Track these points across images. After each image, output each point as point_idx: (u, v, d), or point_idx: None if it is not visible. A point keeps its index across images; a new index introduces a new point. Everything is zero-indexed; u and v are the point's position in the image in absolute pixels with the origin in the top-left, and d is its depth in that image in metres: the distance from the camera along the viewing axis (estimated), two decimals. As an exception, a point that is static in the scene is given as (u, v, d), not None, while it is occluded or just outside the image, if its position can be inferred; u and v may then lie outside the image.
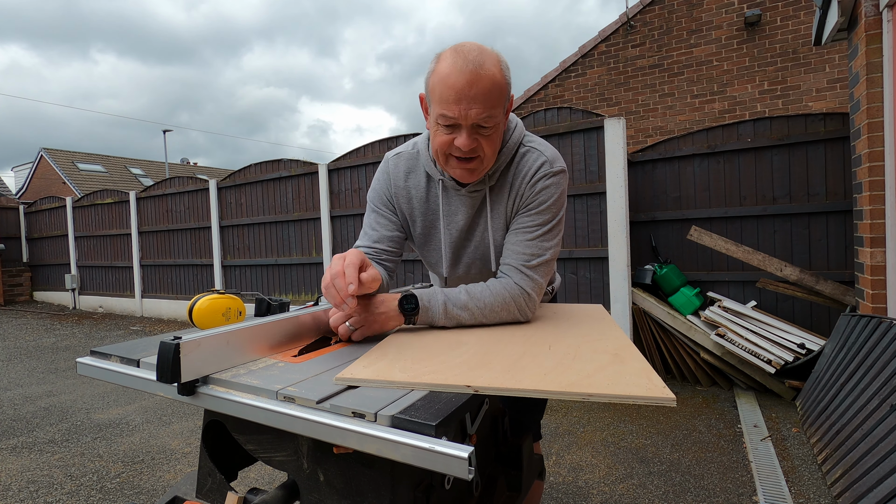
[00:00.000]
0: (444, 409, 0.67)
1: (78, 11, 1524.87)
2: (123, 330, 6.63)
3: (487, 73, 0.96)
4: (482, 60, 0.96)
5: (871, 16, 2.72)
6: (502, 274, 1.11)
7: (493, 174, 1.14)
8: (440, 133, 1.04)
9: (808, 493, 2.11)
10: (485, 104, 0.97)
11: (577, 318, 1.15)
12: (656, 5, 6.56)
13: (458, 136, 1.01)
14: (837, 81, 5.72)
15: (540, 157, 1.13)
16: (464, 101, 0.96)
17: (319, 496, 0.82)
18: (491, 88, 0.97)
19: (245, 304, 1.26)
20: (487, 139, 1.03)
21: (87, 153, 22.09)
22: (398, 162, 1.22)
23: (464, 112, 0.97)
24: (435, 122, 1.03)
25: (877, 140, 2.76)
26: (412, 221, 1.24)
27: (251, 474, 2.37)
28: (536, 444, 1.54)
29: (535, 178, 1.12)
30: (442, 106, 0.99)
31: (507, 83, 1.02)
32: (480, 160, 1.06)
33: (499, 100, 0.99)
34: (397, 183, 1.22)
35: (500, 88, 0.99)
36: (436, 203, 1.20)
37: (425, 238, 1.25)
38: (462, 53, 0.97)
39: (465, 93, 0.96)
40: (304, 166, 5.84)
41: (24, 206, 9.87)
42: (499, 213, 1.16)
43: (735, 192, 3.76)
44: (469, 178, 1.10)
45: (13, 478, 2.47)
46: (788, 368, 3.24)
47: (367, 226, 1.24)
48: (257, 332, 0.93)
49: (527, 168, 1.13)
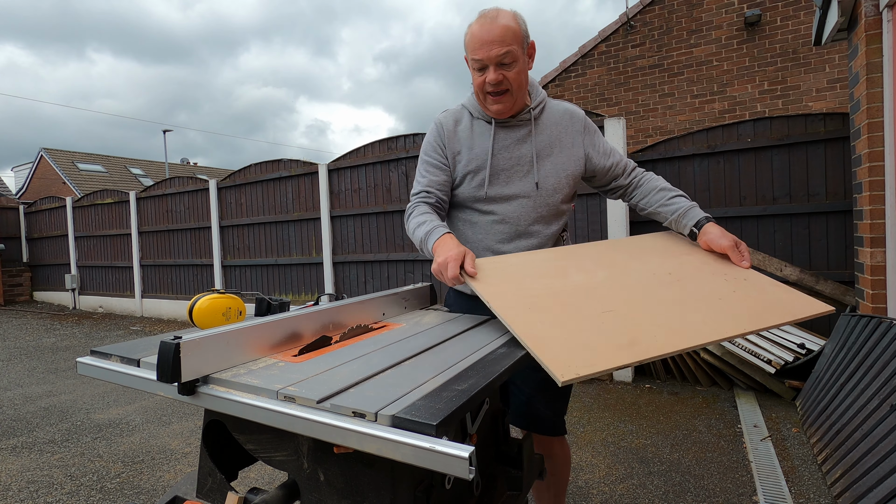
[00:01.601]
0: (445, 409, 0.67)
1: (73, 10, 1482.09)
2: (123, 330, 6.63)
3: (501, 22, 1.26)
4: (496, 14, 1.28)
5: (871, 16, 2.72)
6: (639, 175, 1.50)
7: (535, 108, 1.40)
8: (476, 76, 1.33)
9: (808, 493, 2.11)
10: (501, 44, 1.26)
11: (676, 248, 1.36)
12: (656, 5, 6.55)
13: (488, 74, 1.29)
14: (837, 81, 5.72)
15: (570, 104, 1.48)
16: (485, 46, 1.27)
17: (320, 496, 0.82)
18: (505, 33, 1.26)
19: (245, 304, 1.26)
20: (512, 72, 1.29)
21: (87, 153, 22.07)
22: (447, 116, 1.48)
23: (486, 53, 1.27)
24: (472, 69, 1.34)
25: (877, 140, 2.76)
26: (459, 158, 1.44)
27: (251, 474, 2.37)
28: (562, 440, 1.54)
29: (581, 119, 1.46)
30: (472, 53, 1.30)
31: (521, 29, 1.29)
32: (510, 94, 1.32)
33: (514, 40, 1.27)
34: (448, 129, 1.45)
35: (513, 32, 1.27)
36: (481, 136, 1.42)
37: (471, 166, 1.42)
38: (483, 14, 1.30)
39: (485, 39, 1.27)
40: (304, 166, 5.84)
41: (24, 206, 9.87)
42: (554, 147, 1.41)
43: (735, 192, 3.76)
44: (503, 111, 1.36)
45: (13, 478, 2.47)
46: (788, 368, 3.24)
47: (419, 175, 1.47)
48: (257, 331, 0.93)
49: (571, 113, 1.45)
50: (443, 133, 1.45)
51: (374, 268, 5.37)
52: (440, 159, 1.44)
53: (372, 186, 5.33)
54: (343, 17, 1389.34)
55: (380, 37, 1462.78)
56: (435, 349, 0.99)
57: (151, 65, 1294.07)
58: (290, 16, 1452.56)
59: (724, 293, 1.09)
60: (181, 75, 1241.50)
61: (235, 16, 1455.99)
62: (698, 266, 1.24)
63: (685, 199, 1.40)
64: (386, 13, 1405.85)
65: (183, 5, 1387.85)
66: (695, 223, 1.34)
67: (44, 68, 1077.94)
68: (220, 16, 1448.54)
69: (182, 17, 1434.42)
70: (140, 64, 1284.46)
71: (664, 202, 1.42)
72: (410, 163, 5.05)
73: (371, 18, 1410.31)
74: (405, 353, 0.96)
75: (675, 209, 1.39)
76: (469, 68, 1.37)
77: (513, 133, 1.40)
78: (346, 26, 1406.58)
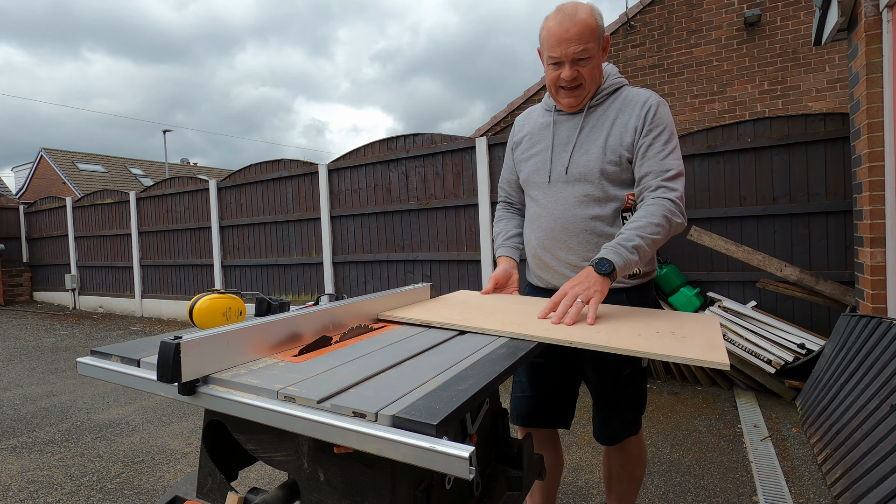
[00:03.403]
0: (445, 409, 0.67)
1: (68, 9, 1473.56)
2: (123, 330, 6.63)
3: (580, 19, 1.26)
4: (575, 10, 1.27)
5: (871, 16, 2.72)
6: (648, 194, 1.32)
7: (596, 96, 1.39)
8: (550, 71, 1.34)
9: (808, 493, 2.11)
10: (579, 42, 1.26)
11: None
12: (656, 5, 6.55)
13: (563, 70, 1.31)
14: (837, 81, 5.72)
15: (645, 90, 1.39)
16: (563, 44, 1.27)
17: (320, 496, 0.82)
18: (583, 30, 1.26)
19: (245, 304, 1.26)
20: (586, 69, 1.31)
21: (87, 153, 22.06)
22: (524, 114, 1.59)
23: (564, 51, 1.28)
24: (547, 64, 1.35)
25: (877, 140, 2.76)
26: (521, 148, 1.53)
27: (251, 474, 2.37)
28: (640, 436, 1.54)
29: (649, 105, 1.35)
30: (549, 50, 1.31)
31: (598, 25, 1.29)
32: (583, 87, 1.34)
33: (591, 37, 1.27)
34: (520, 126, 1.56)
35: (591, 29, 1.27)
36: (545, 129, 1.47)
37: (529, 155, 1.50)
38: (560, 9, 1.29)
39: (563, 37, 1.27)
40: (304, 166, 5.84)
41: (24, 206, 9.87)
42: (597, 133, 1.38)
43: (735, 192, 3.76)
44: (573, 105, 1.38)
45: (13, 478, 2.47)
46: (788, 368, 3.24)
47: (502, 171, 1.66)
48: (257, 331, 0.93)
49: (638, 97, 1.37)
50: (514, 133, 1.59)
51: (374, 268, 5.37)
52: (510, 160, 1.61)
53: (372, 186, 5.33)
54: (340, 16, 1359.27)
55: (377, 36, 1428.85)
56: (435, 349, 0.99)
57: (147, 64, 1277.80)
58: (286, 15, 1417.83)
59: (644, 330, 1.07)
60: (178, 75, 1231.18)
61: (231, 15, 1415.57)
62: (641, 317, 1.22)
63: (625, 236, 1.25)
64: (383, 13, 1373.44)
65: (178, 5, 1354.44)
66: (598, 260, 1.21)
67: (40, 68, 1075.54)
68: (216, 15, 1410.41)
69: (177, 17, 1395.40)
70: (136, 63, 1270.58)
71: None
72: (410, 163, 5.05)
73: (368, 18, 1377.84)
74: (405, 353, 0.96)
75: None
76: (542, 61, 1.39)
77: (570, 121, 1.43)
78: (343, 26, 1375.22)
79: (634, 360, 1.39)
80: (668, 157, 1.32)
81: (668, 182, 1.30)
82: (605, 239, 1.37)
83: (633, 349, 0.94)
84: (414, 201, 5.05)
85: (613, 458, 1.56)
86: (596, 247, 1.37)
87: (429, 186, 4.97)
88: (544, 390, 1.51)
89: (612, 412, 1.44)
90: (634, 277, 1.44)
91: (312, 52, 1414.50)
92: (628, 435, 1.48)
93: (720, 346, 0.96)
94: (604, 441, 1.49)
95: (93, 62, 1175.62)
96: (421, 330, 1.16)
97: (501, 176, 1.66)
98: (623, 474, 1.56)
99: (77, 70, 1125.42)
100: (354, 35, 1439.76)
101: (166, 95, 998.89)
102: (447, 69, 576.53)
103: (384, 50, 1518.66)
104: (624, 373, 1.39)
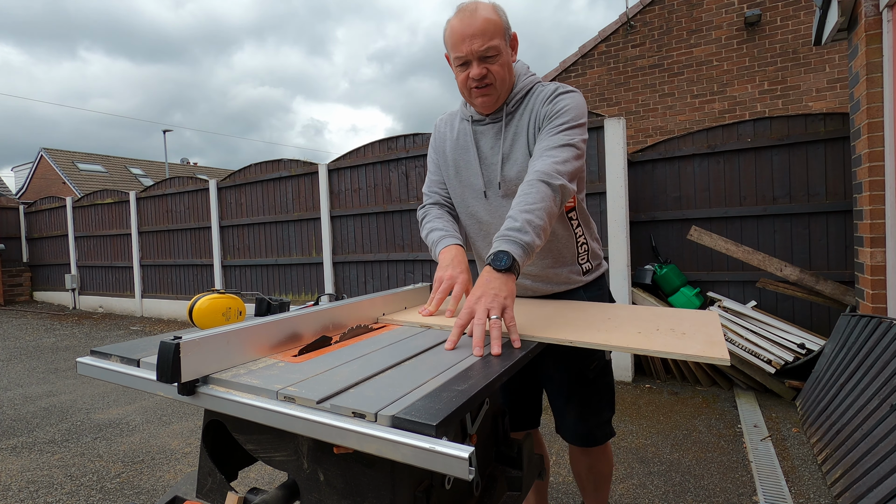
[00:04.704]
0: (445, 410, 0.67)
1: (64, 8, 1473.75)
2: (123, 330, 6.63)
3: (481, 15, 1.21)
4: (475, 7, 1.23)
5: (871, 16, 2.72)
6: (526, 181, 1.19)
7: (510, 102, 1.32)
8: (459, 73, 1.28)
9: (808, 493, 2.11)
10: (483, 37, 1.21)
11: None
12: (656, 5, 6.55)
13: (471, 69, 1.24)
14: (837, 81, 5.72)
15: (554, 83, 1.32)
16: (467, 40, 1.21)
17: (319, 496, 0.82)
18: (486, 25, 1.21)
19: (245, 304, 1.26)
20: (495, 65, 1.24)
21: (87, 153, 22.06)
22: (443, 119, 1.50)
23: (469, 48, 1.22)
24: (454, 67, 1.29)
25: (877, 140, 2.76)
26: (445, 161, 1.46)
27: (251, 474, 2.37)
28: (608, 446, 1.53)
29: (552, 96, 1.28)
30: (454, 50, 1.25)
31: (501, 20, 1.24)
32: (494, 87, 1.27)
33: (495, 33, 1.22)
34: (442, 133, 1.48)
35: (494, 24, 1.22)
36: (464, 139, 1.40)
37: (456, 169, 1.43)
38: (461, 9, 1.24)
39: (466, 33, 1.21)
40: (304, 166, 5.84)
41: (24, 206, 9.87)
42: (519, 142, 1.32)
43: (735, 192, 3.76)
44: (488, 105, 1.31)
45: (13, 478, 2.47)
46: (788, 368, 3.24)
47: (428, 174, 1.54)
48: (257, 331, 0.93)
49: (544, 93, 1.30)
50: (437, 138, 1.50)
51: (374, 268, 5.37)
52: (435, 164, 1.51)
53: (372, 186, 5.33)
54: (337, 16, 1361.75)
55: (375, 36, 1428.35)
56: (435, 349, 0.99)
57: (144, 64, 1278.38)
58: (283, 15, 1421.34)
59: (644, 328, 1.07)
60: (176, 75, 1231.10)
61: (228, 14, 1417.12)
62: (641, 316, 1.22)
63: (510, 221, 1.12)
64: (381, 13, 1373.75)
65: (174, 4, 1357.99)
66: (492, 255, 1.07)
67: (37, 67, 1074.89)
68: (213, 15, 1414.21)
69: (174, 16, 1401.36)
70: (133, 63, 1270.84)
71: None
72: (410, 163, 5.05)
73: (365, 18, 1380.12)
74: (405, 353, 0.96)
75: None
76: (451, 66, 1.32)
77: (490, 128, 1.36)
78: (341, 26, 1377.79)
79: (598, 352, 1.37)
80: (558, 134, 1.23)
81: (549, 151, 1.21)
82: (554, 241, 1.37)
83: (634, 347, 0.94)
84: (414, 201, 5.04)
85: (581, 459, 1.52)
86: (547, 251, 1.37)
87: (429, 186, 4.97)
88: (513, 396, 1.52)
89: (586, 410, 1.42)
90: (588, 273, 1.44)
91: (310, 52, 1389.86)
92: (608, 437, 1.46)
93: (720, 342, 0.96)
94: (583, 442, 1.45)
95: (90, 62, 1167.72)
96: (421, 330, 1.16)
97: (429, 178, 1.51)
98: (591, 475, 1.53)
99: (75, 69, 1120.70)
100: (352, 35, 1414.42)
101: (164, 95, 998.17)
102: (446, 69, 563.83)
103: (382, 50, 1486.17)
104: (591, 366, 1.37)
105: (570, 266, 1.41)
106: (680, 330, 1.05)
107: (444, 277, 1.23)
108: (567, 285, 1.43)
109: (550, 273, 1.40)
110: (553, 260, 1.39)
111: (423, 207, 1.50)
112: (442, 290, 1.21)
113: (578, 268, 1.43)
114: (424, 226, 1.44)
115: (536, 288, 1.43)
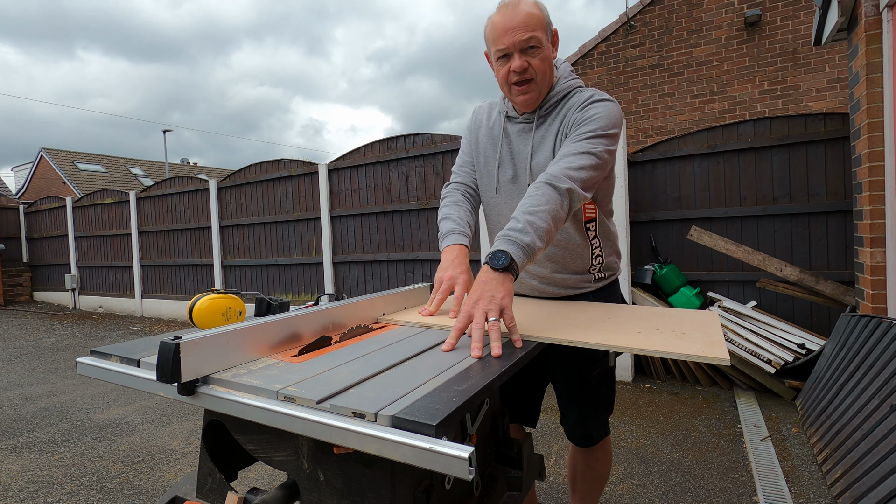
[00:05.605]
0: (444, 410, 0.67)
1: (60, 8, 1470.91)
2: (123, 330, 6.63)
3: (523, 9, 1.21)
4: (517, 2, 1.22)
5: (871, 16, 2.72)
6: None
7: (545, 104, 1.31)
8: (500, 67, 1.26)
9: (808, 493, 2.11)
10: (525, 29, 1.20)
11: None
12: (656, 5, 6.55)
13: (512, 62, 1.23)
14: (837, 81, 5.72)
15: (592, 90, 1.30)
16: (509, 32, 1.21)
17: (319, 496, 0.82)
18: (528, 18, 1.21)
19: (245, 304, 1.26)
20: (536, 59, 1.23)
21: (87, 153, 22.06)
22: (483, 106, 1.50)
23: (510, 40, 1.21)
24: (495, 61, 1.27)
25: (877, 140, 2.76)
26: (477, 147, 1.46)
27: (251, 474, 2.37)
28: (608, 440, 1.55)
29: (585, 103, 1.26)
30: (494, 43, 1.24)
31: (543, 14, 1.24)
32: (535, 83, 1.25)
33: (537, 25, 1.21)
34: (479, 119, 1.47)
35: (536, 17, 1.22)
36: (497, 131, 1.41)
37: (485, 158, 1.44)
38: (503, 3, 1.24)
39: (508, 26, 1.21)
40: (304, 166, 5.84)
41: (24, 206, 9.87)
42: (546, 140, 1.31)
43: (735, 192, 3.76)
44: (529, 103, 1.30)
45: (13, 478, 2.47)
46: (788, 368, 3.24)
47: (460, 152, 1.53)
48: (257, 332, 0.93)
49: (579, 99, 1.28)
50: (473, 123, 1.50)
51: (374, 268, 5.37)
52: (466, 150, 1.51)
53: (372, 186, 5.33)
54: (336, 16, 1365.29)
55: (374, 36, 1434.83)
56: (435, 349, 0.99)
57: (143, 63, 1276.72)
58: (282, 15, 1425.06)
59: (644, 328, 1.07)
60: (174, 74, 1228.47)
61: (226, 14, 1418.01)
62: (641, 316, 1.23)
63: (513, 222, 1.11)
64: (379, 13, 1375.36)
65: (171, 4, 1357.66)
66: (491, 254, 1.07)
67: (35, 67, 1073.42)
68: (210, 14, 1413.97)
69: (172, 16, 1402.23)
70: (131, 63, 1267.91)
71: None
72: (410, 163, 5.05)
73: (364, 18, 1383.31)
74: (405, 353, 0.96)
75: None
76: (491, 64, 1.32)
77: (523, 126, 1.36)
78: (340, 26, 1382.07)
79: (603, 359, 1.38)
80: (581, 141, 1.20)
81: (567, 157, 1.18)
82: (568, 247, 1.36)
83: (634, 346, 0.94)
84: (414, 201, 5.04)
85: (580, 457, 1.55)
86: (559, 256, 1.37)
87: (429, 186, 4.97)
88: (515, 388, 1.52)
89: (586, 414, 1.44)
90: (600, 280, 1.44)
91: (309, 52, 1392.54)
92: (603, 436, 1.49)
93: (720, 342, 0.96)
94: (580, 443, 1.48)
95: (88, 61, 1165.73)
96: (421, 330, 1.16)
97: (461, 157, 1.51)
98: (589, 473, 1.55)
99: (73, 69, 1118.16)
100: (351, 35, 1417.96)
101: (163, 95, 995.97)
102: (445, 69, 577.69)
103: (381, 50, 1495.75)
104: (594, 373, 1.38)
105: (581, 275, 1.41)
106: (680, 330, 1.05)
107: (444, 278, 1.23)
108: (575, 289, 1.43)
109: (559, 278, 1.41)
110: (563, 266, 1.39)
111: (447, 185, 1.52)
112: (442, 291, 1.22)
113: (590, 276, 1.43)
114: (442, 209, 1.45)
115: (543, 290, 1.43)
